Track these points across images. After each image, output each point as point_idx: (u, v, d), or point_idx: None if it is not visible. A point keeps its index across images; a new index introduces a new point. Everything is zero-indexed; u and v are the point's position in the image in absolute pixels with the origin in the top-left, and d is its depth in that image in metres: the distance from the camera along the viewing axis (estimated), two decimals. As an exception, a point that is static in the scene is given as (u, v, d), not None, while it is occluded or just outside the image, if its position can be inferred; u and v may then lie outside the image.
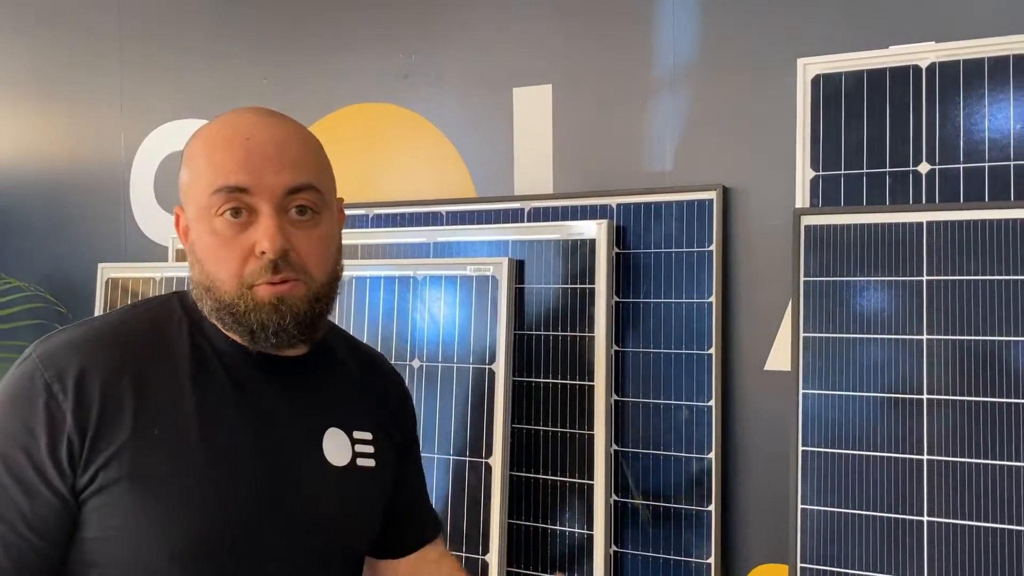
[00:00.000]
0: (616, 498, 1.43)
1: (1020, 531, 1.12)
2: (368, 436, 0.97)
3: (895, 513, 1.18)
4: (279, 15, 1.79)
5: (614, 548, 1.43)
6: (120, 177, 1.97)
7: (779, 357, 1.36)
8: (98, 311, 1.80)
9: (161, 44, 1.94)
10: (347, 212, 1.67)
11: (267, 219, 0.84)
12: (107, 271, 1.84)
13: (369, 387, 1.02)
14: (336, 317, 1.54)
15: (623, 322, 1.44)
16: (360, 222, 1.68)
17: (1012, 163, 1.19)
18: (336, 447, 0.93)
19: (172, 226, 0.94)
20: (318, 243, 0.88)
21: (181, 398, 0.84)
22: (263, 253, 0.83)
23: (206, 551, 0.83)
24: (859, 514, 1.20)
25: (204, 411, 0.85)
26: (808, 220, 1.27)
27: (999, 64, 1.21)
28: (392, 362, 1.48)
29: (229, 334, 0.89)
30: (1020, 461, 1.12)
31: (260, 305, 0.85)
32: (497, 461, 1.41)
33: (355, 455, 0.95)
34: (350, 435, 0.95)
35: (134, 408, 0.81)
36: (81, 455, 0.78)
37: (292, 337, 0.87)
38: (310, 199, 0.87)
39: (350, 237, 1.64)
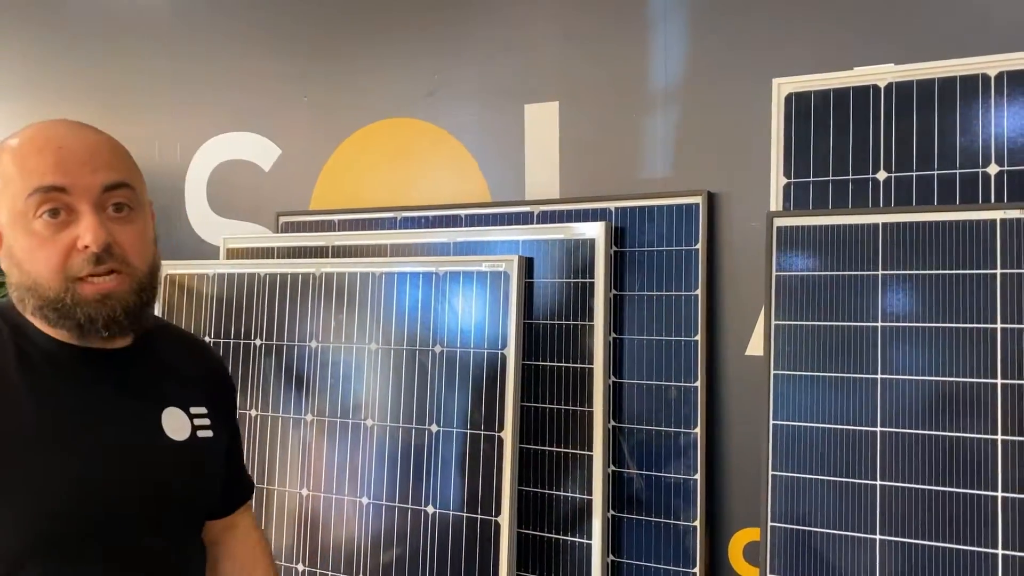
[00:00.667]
0: (613, 468, 1.61)
1: (954, 492, 1.28)
2: (204, 410, 1.03)
3: (852, 478, 1.35)
4: (318, 40, 1.99)
5: (611, 512, 1.61)
6: (176, 183, 2.20)
7: (759, 343, 1.53)
8: (158, 304, 2.02)
9: (212, 64, 2.15)
10: (378, 216, 1.88)
11: (88, 216, 0.88)
12: (166, 268, 2.07)
13: (199, 367, 1.09)
14: (369, 309, 1.75)
15: (620, 312, 1.62)
16: (389, 224, 1.88)
17: (958, 171, 1.35)
18: (176, 424, 0.99)
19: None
20: (137, 236, 0.92)
21: (14, 401, 0.88)
22: (86, 247, 0.87)
23: (63, 537, 0.87)
24: (821, 479, 1.37)
25: (40, 411, 0.88)
26: (779, 222, 1.44)
27: (947, 84, 1.37)
28: (416, 348, 1.69)
29: (53, 332, 0.91)
30: (956, 431, 1.28)
31: (86, 300, 0.88)
32: (508, 434, 1.60)
33: (194, 428, 1.01)
34: (187, 411, 1.01)
35: None
36: None
37: (123, 328, 0.91)
38: (126, 196, 0.91)
39: (381, 238, 1.84)
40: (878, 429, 1.34)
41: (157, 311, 1.97)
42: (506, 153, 1.78)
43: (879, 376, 1.34)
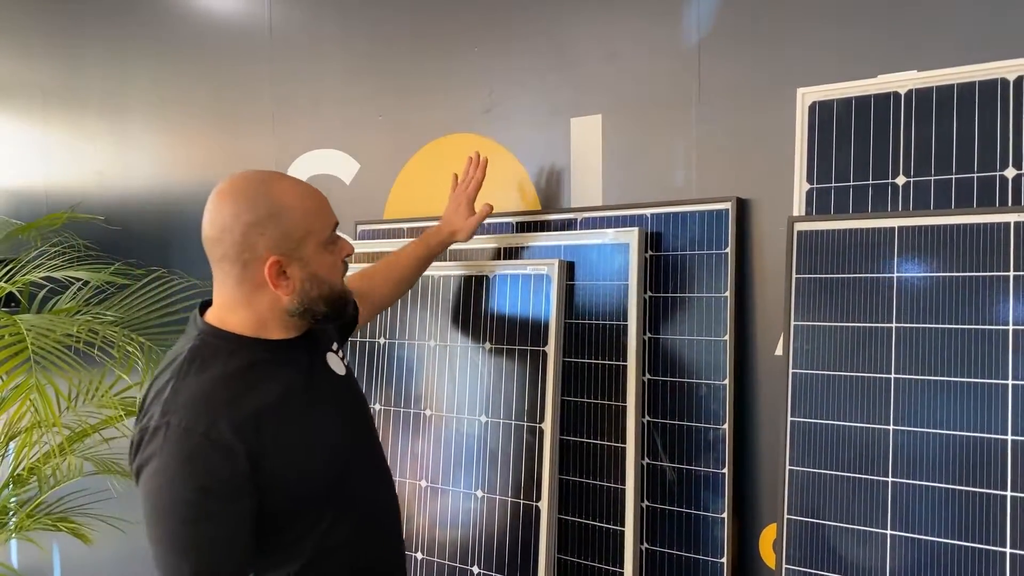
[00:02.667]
0: (646, 460, 1.70)
1: (964, 491, 1.30)
2: (337, 344, 1.41)
3: (865, 474, 1.39)
4: (389, 63, 2.19)
5: (645, 502, 1.70)
6: (271, 196, 2.44)
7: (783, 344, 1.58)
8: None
9: (303, 84, 2.39)
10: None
11: (343, 239, 1.29)
12: (260, 272, 2.32)
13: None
14: (429, 309, 1.92)
15: (654, 313, 1.71)
16: (450, 231, 2.04)
17: (975, 175, 1.37)
18: (335, 364, 1.36)
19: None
20: None
21: (285, 393, 1.21)
22: (348, 256, 1.29)
23: (341, 475, 1.28)
24: (835, 474, 1.42)
25: (286, 397, 1.21)
26: (800, 226, 1.50)
27: (966, 89, 1.39)
28: (468, 345, 1.84)
29: (278, 334, 1.25)
30: (968, 431, 1.30)
31: (348, 289, 1.31)
32: (548, 426, 1.72)
33: (342, 360, 1.39)
34: (333, 351, 1.37)
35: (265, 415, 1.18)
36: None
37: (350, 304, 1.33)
38: None
39: (441, 243, 2.01)
40: (891, 427, 1.37)
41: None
42: (554, 164, 1.90)
43: (892, 376, 1.38)
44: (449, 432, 1.87)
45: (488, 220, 1.97)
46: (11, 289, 2.14)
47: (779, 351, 1.60)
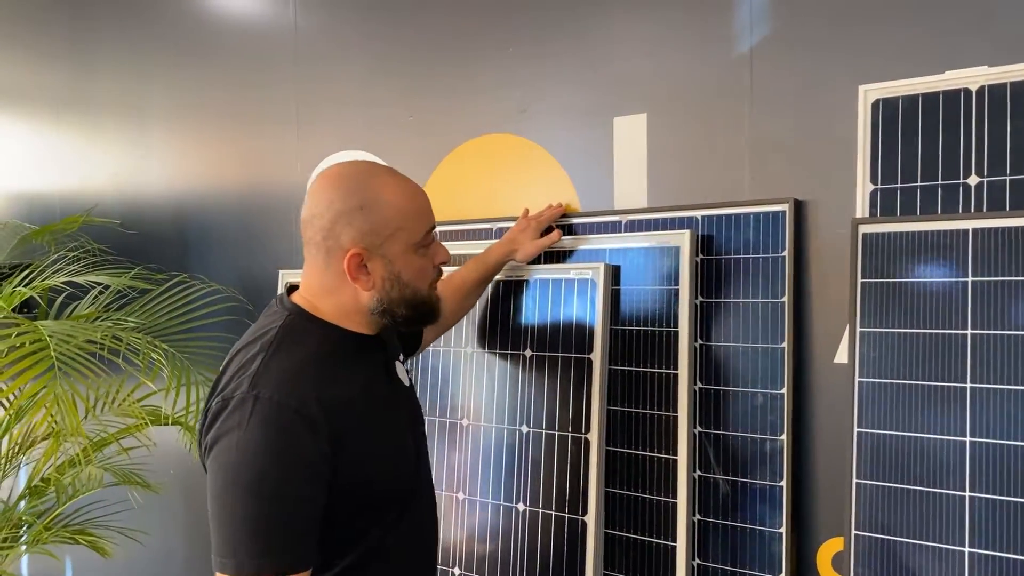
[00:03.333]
0: (698, 472, 1.64)
1: (1050, 506, 1.23)
2: (402, 354, 1.39)
3: (940, 488, 1.32)
4: (420, 63, 2.13)
5: (697, 516, 1.63)
6: (297, 197, 2.39)
7: (847, 351, 1.52)
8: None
9: (328, 85, 2.33)
10: (476, 227, 1.99)
11: (437, 242, 1.23)
12: (286, 276, 2.26)
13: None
14: (467, 315, 1.85)
15: (705, 319, 1.64)
16: (486, 234, 1.98)
17: (1055, 174, 1.31)
18: (402, 373, 1.33)
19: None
20: None
21: (365, 386, 1.19)
22: (443, 263, 1.24)
23: (410, 484, 1.26)
24: (907, 488, 1.35)
25: (366, 391, 1.19)
26: (865, 228, 1.43)
27: (1044, 84, 1.33)
28: (508, 352, 1.78)
29: (361, 328, 1.22)
30: (1053, 443, 1.24)
31: (437, 297, 1.25)
32: (594, 436, 1.65)
33: (407, 371, 1.35)
34: (400, 361, 1.34)
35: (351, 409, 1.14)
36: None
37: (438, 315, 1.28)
38: None
39: (479, 247, 1.94)
40: (967, 439, 1.31)
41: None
42: (595, 165, 1.84)
43: (968, 385, 1.32)
44: (487, 442, 1.80)
45: (527, 223, 1.91)
46: (31, 294, 2.08)
47: (838, 358, 1.54)
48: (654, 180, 1.76)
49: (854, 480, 1.40)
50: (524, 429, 1.75)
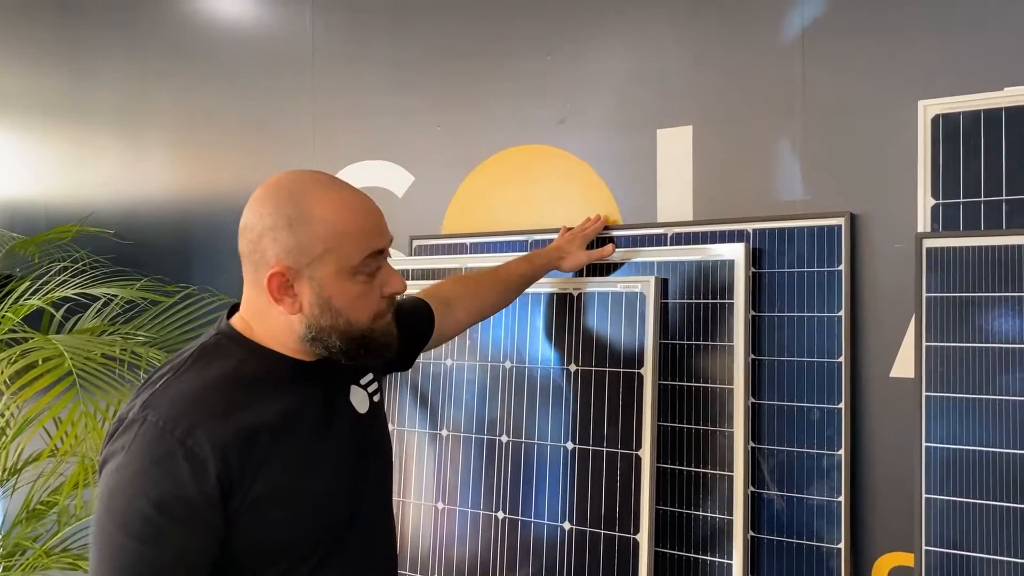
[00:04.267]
0: (753, 489, 1.62)
1: None
2: (370, 376, 1.21)
3: (1013, 502, 1.32)
4: (451, 70, 2.08)
5: (752, 533, 1.61)
6: (313, 210, 2.31)
7: (903, 365, 1.52)
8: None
9: (348, 97, 2.27)
10: (509, 239, 1.95)
11: (387, 267, 1.08)
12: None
13: None
14: (503, 329, 1.81)
15: (759, 333, 1.63)
16: (520, 247, 1.94)
17: (1122, 190, 1.33)
18: (359, 400, 1.17)
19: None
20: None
21: (288, 416, 1.05)
22: (392, 293, 1.09)
23: (332, 534, 1.08)
24: (978, 503, 1.35)
25: (295, 425, 1.05)
26: (929, 243, 1.44)
27: (1109, 102, 1.35)
28: (550, 367, 1.74)
29: (288, 352, 1.07)
30: None
31: (388, 331, 1.09)
32: (646, 453, 1.62)
33: (370, 396, 1.19)
34: (361, 385, 1.18)
35: (259, 446, 1.00)
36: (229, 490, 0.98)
37: (392, 350, 1.11)
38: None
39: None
40: (1041, 453, 1.31)
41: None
42: (637, 177, 1.82)
43: (1041, 399, 1.32)
44: (530, 460, 1.76)
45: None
46: (42, 305, 1.97)
47: (895, 372, 1.53)
48: (700, 193, 1.75)
49: (923, 495, 1.39)
50: (570, 446, 1.71)
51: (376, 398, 1.21)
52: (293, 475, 1.03)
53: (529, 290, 1.80)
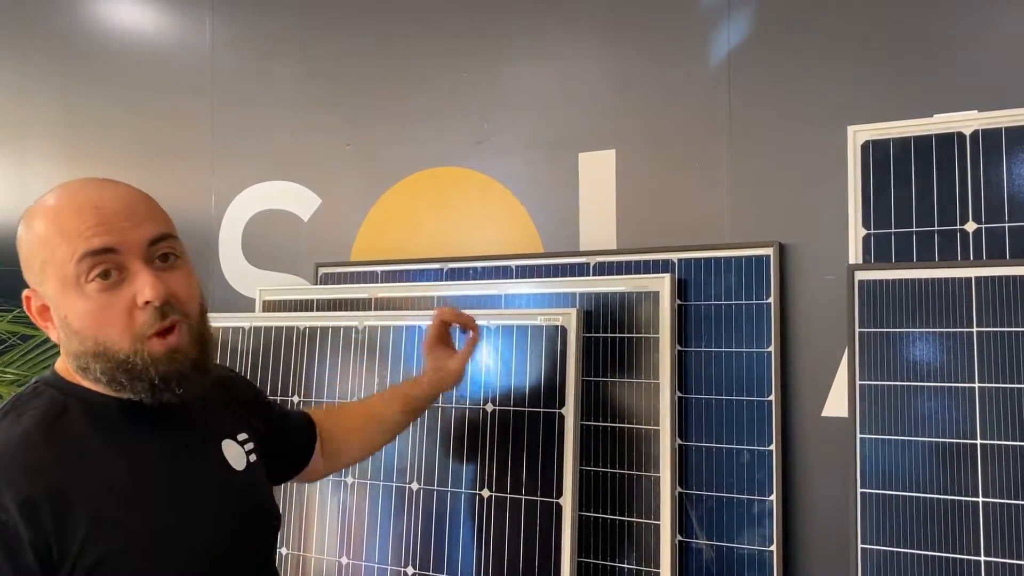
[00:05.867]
0: (680, 538, 1.50)
1: (1076, 571, 1.17)
2: (245, 435, 1.06)
3: (953, 553, 1.24)
4: (361, 87, 1.95)
5: (679, 586, 1.50)
6: (211, 233, 2.13)
7: (836, 404, 1.44)
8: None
9: (250, 113, 2.11)
10: (423, 267, 1.81)
11: (143, 272, 0.88)
12: (199, 321, 1.99)
13: (230, 396, 1.11)
14: (415, 366, 1.66)
15: (685, 370, 1.53)
16: (435, 275, 1.80)
17: (1055, 222, 1.28)
18: (233, 454, 1.02)
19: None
20: (189, 284, 0.93)
21: (135, 472, 0.90)
22: (147, 303, 0.87)
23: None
24: (917, 553, 1.26)
25: (133, 478, 0.89)
26: (861, 275, 1.36)
27: (1039, 131, 1.30)
28: (466, 406, 1.60)
29: (119, 394, 0.90)
30: (1073, 503, 1.18)
31: (157, 358, 0.88)
32: (567, 501, 1.49)
33: (247, 454, 1.04)
34: (236, 440, 1.04)
35: (80, 508, 0.83)
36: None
37: (194, 384, 0.91)
38: (171, 246, 0.92)
39: (427, 289, 1.77)
40: (980, 499, 1.23)
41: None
42: (559, 203, 1.71)
43: (979, 442, 1.25)
44: (442, 509, 1.60)
45: (483, 263, 1.75)
46: None
47: (827, 411, 1.45)
48: (624, 220, 1.65)
49: (859, 545, 1.30)
50: (486, 494, 1.56)
51: (252, 458, 1.05)
52: (134, 541, 0.87)
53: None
